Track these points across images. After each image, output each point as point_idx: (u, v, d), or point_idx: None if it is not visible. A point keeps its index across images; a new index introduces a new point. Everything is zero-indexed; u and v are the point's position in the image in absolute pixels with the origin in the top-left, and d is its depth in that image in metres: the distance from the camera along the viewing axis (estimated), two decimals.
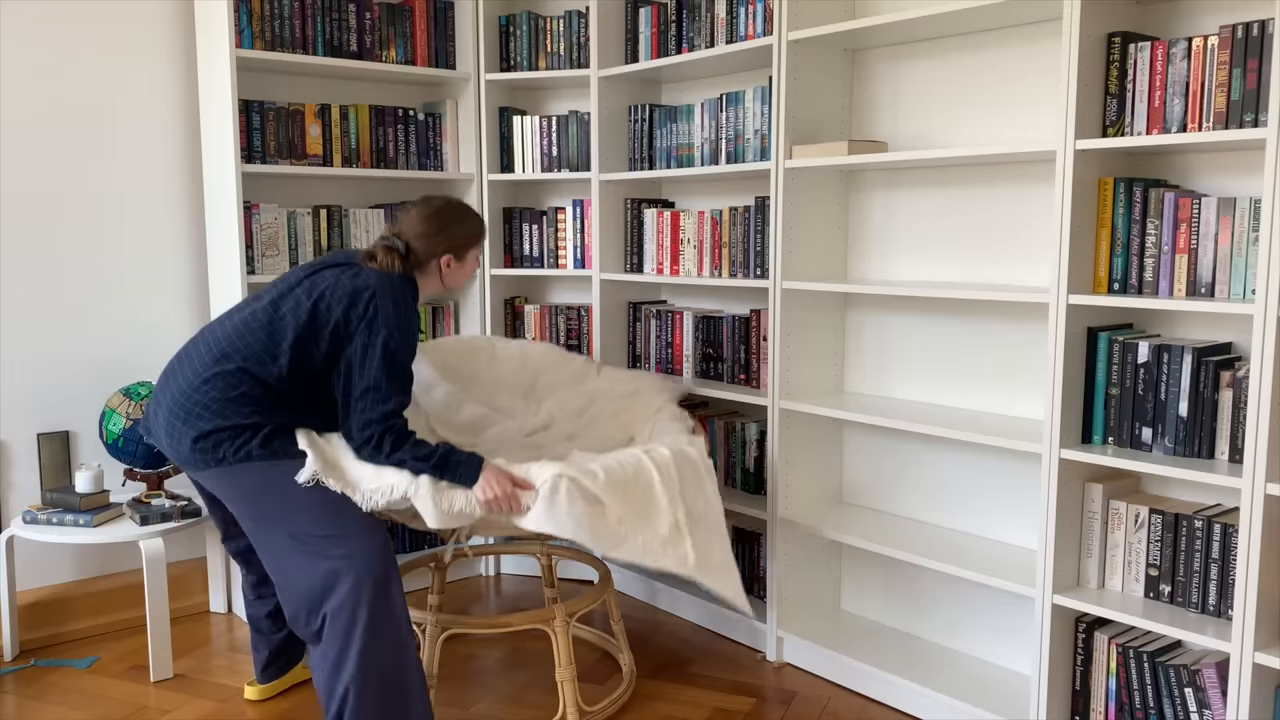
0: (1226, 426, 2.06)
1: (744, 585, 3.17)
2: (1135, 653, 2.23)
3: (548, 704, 2.71)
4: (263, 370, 2.25)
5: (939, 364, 2.76)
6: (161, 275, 3.30)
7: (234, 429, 2.22)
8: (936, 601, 2.82)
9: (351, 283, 2.28)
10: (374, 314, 2.25)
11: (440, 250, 2.45)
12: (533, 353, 3.16)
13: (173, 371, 2.34)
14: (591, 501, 2.25)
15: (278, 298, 2.32)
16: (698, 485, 2.47)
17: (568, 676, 2.50)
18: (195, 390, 2.25)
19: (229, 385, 2.24)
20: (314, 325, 2.26)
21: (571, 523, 2.22)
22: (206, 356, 2.29)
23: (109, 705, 2.69)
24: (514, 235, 3.61)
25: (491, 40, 3.52)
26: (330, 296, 2.27)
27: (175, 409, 2.27)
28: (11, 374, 3.08)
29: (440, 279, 2.48)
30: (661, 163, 3.28)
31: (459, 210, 2.49)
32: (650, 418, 2.82)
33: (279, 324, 2.27)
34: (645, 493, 2.35)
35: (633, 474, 2.34)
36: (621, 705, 2.69)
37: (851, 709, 2.68)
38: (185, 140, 3.32)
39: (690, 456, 2.49)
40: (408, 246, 2.41)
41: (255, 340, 2.26)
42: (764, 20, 2.86)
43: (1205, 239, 2.06)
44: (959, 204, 2.67)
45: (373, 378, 2.23)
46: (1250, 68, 1.96)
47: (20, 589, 3.12)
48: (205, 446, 2.23)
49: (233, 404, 2.23)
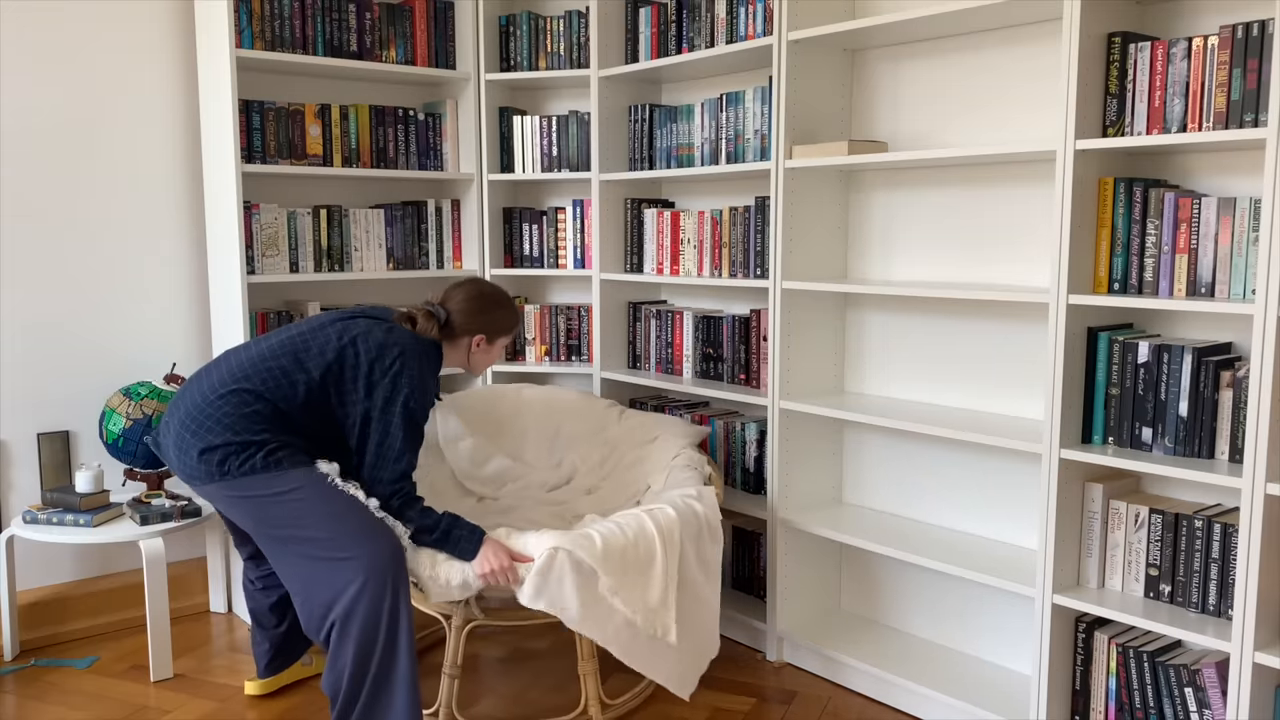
0: (1226, 426, 2.06)
1: (744, 585, 3.18)
2: (1135, 652, 2.23)
3: (569, 696, 2.72)
4: (279, 397, 2.29)
5: (939, 364, 2.76)
6: (162, 275, 3.30)
7: (241, 444, 2.25)
8: (936, 601, 2.82)
9: (384, 336, 2.35)
10: (399, 371, 2.31)
11: (476, 329, 2.54)
12: (558, 400, 3.20)
13: (189, 388, 2.37)
14: (584, 573, 2.27)
15: (307, 333, 2.37)
16: (698, 549, 2.48)
17: (590, 669, 2.51)
18: (209, 405, 2.28)
19: (242, 403, 2.27)
20: (340, 366, 2.32)
21: (560, 598, 2.25)
22: (226, 376, 2.33)
23: (109, 705, 2.69)
24: (514, 235, 3.61)
25: (491, 40, 3.52)
26: (361, 344, 2.33)
27: (187, 422, 2.29)
28: (11, 374, 3.08)
29: (467, 356, 2.57)
30: (661, 163, 3.28)
31: (503, 299, 2.61)
32: (667, 464, 2.83)
33: (304, 357, 2.32)
34: (644, 557, 2.37)
35: (633, 540, 2.36)
36: (645, 699, 2.69)
37: (851, 709, 2.69)
38: (185, 140, 3.32)
39: (697, 513, 2.50)
40: (448, 317, 2.50)
41: (277, 368, 2.31)
42: (764, 20, 2.86)
43: (1205, 239, 2.06)
44: (959, 204, 2.67)
45: (391, 436, 2.30)
46: (1250, 68, 1.96)
47: (20, 589, 3.12)
48: (211, 460, 2.24)
49: (244, 420, 2.26)
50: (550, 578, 2.24)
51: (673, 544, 2.41)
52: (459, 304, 2.53)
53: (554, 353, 3.59)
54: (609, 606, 2.30)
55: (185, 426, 2.29)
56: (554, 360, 3.60)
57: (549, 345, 3.59)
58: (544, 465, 3.10)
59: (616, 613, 2.31)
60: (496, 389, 3.23)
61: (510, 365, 3.58)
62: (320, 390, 2.31)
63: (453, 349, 2.54)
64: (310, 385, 2.31)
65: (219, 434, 2.25)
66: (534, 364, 3.59)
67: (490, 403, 3.20)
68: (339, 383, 2.32)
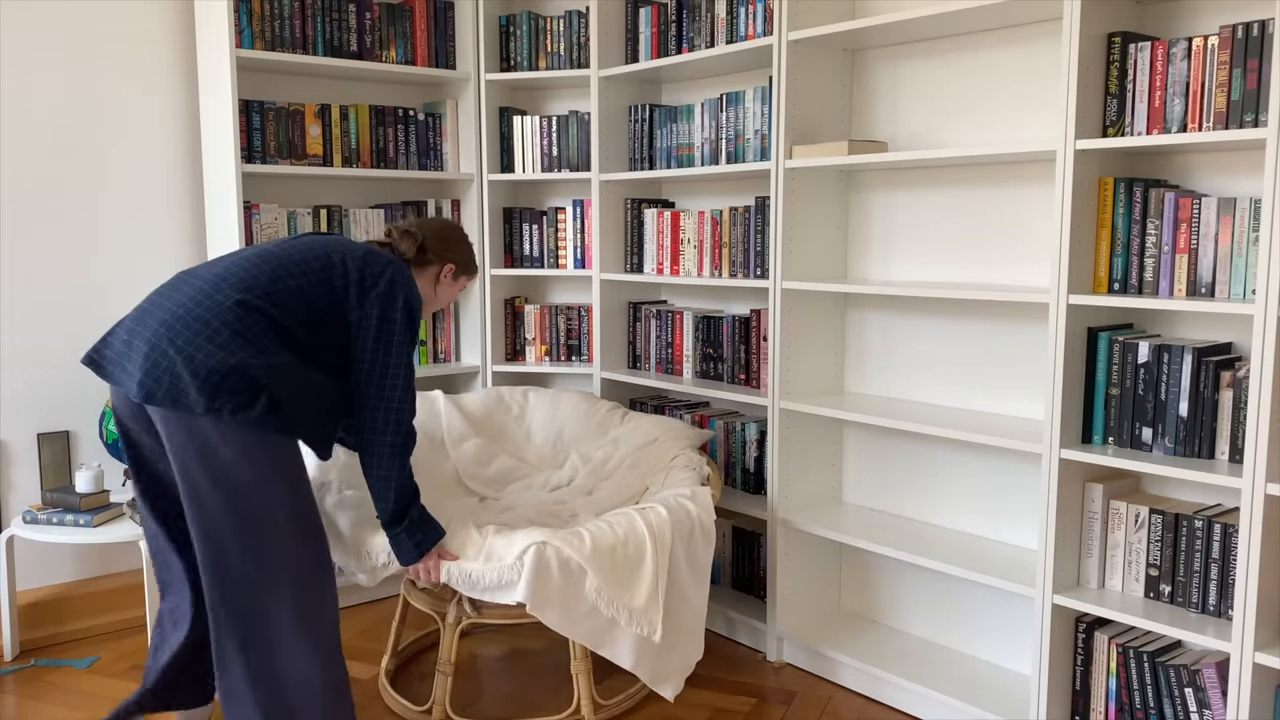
0: (1226, 426, 2.06)
1: (744, 585, 3.17)
2: (1135, 653, 2.23)
3: (564, 696, 2.72)
4: (290, 318, 2.08)
5: (939, 364, 2.76)
6: (162, 275, 3.30)
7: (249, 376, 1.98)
8: (936, 601, 2.82)
9: (363, 248, 2.25)
10: (392, 279, 2.19)
11: (449, 258, 2.50)
12: (563, 403, 3.22)
13: (159, 300, 2.09)
14: (570, 571, 2.28)
15: (293, 251, 2.18)
16: (688, 550, 2.49)
17: (583, 669, 2.51)
18: (212, 313, 2.01)
19: (259, 318, 2.04)
20: (342, 283, 2.16)
21: (544, 594, 2.25)
22: (223, 284, 2.06)
23: (109, 705, 2.69)
24: (514, 235, 3.61)
25: (491, 40, 3.52)
26: (349, 259, 2.19)
27: (177, 328, 2.00)
28: (11, 374, 3.08)
29: (434, 284, 2.51)
30: (661, 163, 3.28)
31: (468, 240, 2.60)
32: (666, 465, 2.83)
33: (304, 274, 2.13)
34: (634, 556, 2.37)
35: (622, 538, 2.37)
36: (638, 701, 2.69)
37: (851, 709, 2.69)
38: (185, 140, 3.32)
39: (689, 513, 2.51)
40: (424, 241, 2.45)
41: (288, 287, 2.10)
42: (764, 20, 2.86)
43: (1205, 239, 2.06)
44: (959, 204, 2.67)
45: (394, 365, 2.16)
46: (1250, 68, 1.96)
47: (20, 589, 3.12)
48: (212, 384, 1.96)
49: (265, 336, 2.03)
50: (533, 574, 2.25)
51: (663, 543, 2.41)
52: (434, 230, 2.48)
53: (554, 353, 3.59)
54: (591, 606, 2.30)
55: (175, 335, 1.99)
56: (554, 360, 3.60)
57: (549, 345, 3.59)
58: (546, 466, 3.11)
59: (599, 613, 2.31)
60: (501, 391, 3.24)
61: (510, 365, 3.58)
62: (326, 309, 2.13)
63: (422, 278, 2.48)
64: (315, 303, 2.11)
65: (235, 349, 1.98)
66: (534, 364, 3.59)
67: (494, 404, 3.21)
68: (340, 301, 2.15)
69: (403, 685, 2.81)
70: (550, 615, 2.27)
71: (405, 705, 2.62)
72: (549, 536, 2.28)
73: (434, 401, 3.12)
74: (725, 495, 3.10)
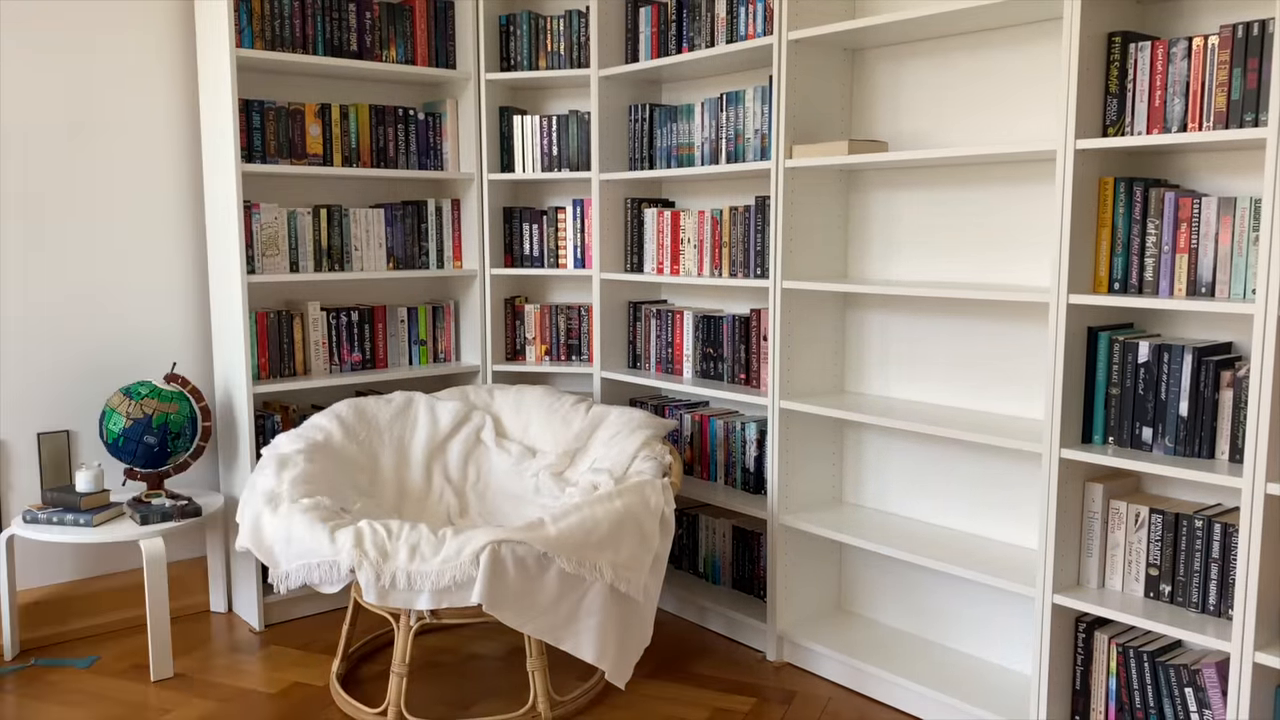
0: (1227, 426, 2.05)
1: (744, 585, 3.18)
2: (1135, 652, 2.23)
3: (519, 695, 2.72)
4: None
5: (939, 364, 2.76)
6: (162, 275, 3.30)
7: None
8: (937, 601, 2.82)
9: None
10: None
11: None
12: (526, 396, 3.23)
13: None
14: (526, 567, 2.30)
15: None
16: (641, 546, 2.49)
17: (539, 666, 2.52)
18: None
19: None
20: None
21: (500, 593, 2.27)
22: None
23: (109, 705, 2.69)
24: (514, 235, 3.61)
25: (491, 40, 3.52)
26: None
27: None
28: (11, 374, 3.08)
29: None
30: (661, 162, 3.28)
31: None
32: (630, 456, 2.83)
33: None
34: (608, 527, 2.41)
35: (593, 515, 2.41)
36: (594, 697, 2.70)
37: (851, 709, 2.68)
38: (185, 140, 3.32)
39: (649, 507, 2.52)
40: None
41: None
42: (764, 20, 2.86)
43: (1205, 239, 2.06)
44: (959, 204, 2.67)
45: None
46: (1250, 67, 1.96)
47: (20, 588, 3.12)
48: None
49: None
50: (492, 573, 2.26)
51: (637, 516, 2.44)
52: None
53: (554, 352, 3.60)
54: (553, 596, 2.33)
55: None
56: (554, 360, 3.60)
57: (549, 345, 3.59)
58: (514, 459, 3.11)
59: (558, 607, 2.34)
60: (467, 389, 3.26)
61: (510, 365, 3.58)
62: None
63: None
64: None
65: None
66: (534, 364, 3.59)
67: (466, 401, 3.23)
68: None
69: (354, 688, 2.79)
70: (507, 614, 2.29)
71: (359, 708, 2.61)
72: (505, 534, 2.30)
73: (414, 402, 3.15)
74: (725, 495, 3.10)
